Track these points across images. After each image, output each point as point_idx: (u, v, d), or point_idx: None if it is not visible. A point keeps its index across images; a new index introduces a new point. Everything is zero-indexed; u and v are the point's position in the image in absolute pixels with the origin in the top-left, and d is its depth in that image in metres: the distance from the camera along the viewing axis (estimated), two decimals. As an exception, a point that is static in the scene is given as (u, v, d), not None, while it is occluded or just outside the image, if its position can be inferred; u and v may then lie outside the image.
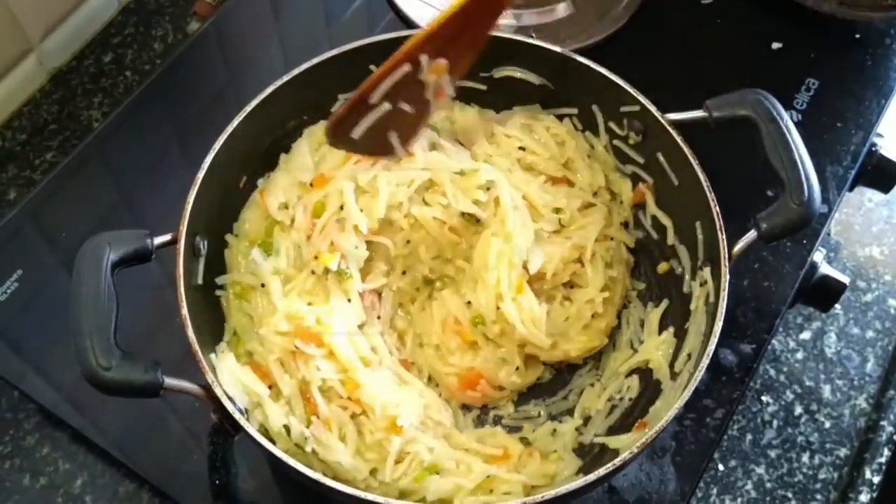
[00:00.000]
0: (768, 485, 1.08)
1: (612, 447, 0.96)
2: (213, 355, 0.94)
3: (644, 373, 1.03)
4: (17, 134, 1.33)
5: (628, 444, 0.93)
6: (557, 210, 1.09)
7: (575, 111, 1.13)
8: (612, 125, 1.11)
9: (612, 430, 1.01)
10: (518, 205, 1.04)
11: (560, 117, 1.14)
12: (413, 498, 0.94)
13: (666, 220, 1.09)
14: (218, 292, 1.03)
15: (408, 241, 1.05)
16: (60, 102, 1.36)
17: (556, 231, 1.08)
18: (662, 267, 1.09)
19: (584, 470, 0.97)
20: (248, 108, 1.03)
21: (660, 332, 1.04)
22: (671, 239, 1.07)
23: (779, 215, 0.93)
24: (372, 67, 1.11)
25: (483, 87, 1.14)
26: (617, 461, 0.85)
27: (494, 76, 1.14)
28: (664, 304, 1.07)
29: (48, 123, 1.34)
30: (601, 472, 0.84)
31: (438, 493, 0.93)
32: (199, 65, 1.32)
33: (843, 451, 1.10)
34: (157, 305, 1.06)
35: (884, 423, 1.12)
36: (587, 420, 1.04)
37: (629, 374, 1.04)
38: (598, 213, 1.10)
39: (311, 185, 1.05)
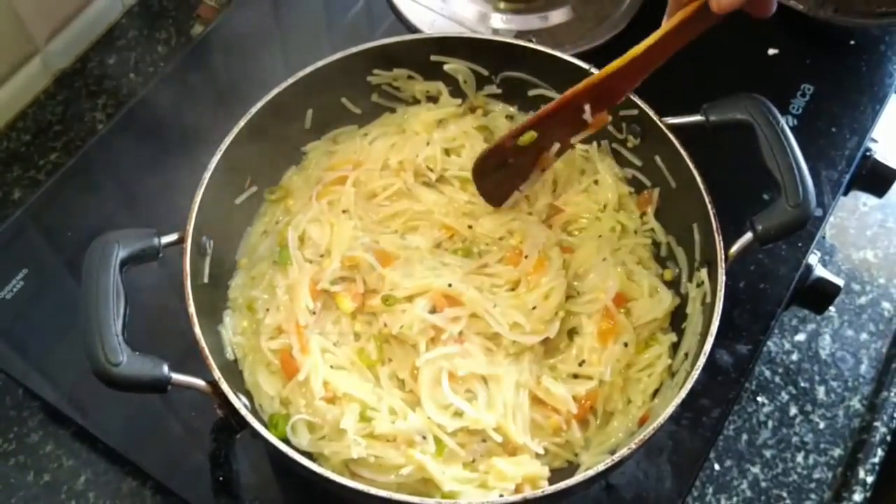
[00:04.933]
0: (763, 484, 1.09)
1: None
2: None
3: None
4: (22, 135, 1.34)
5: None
6: None
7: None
8: (611, 128, 1.12)
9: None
10: None
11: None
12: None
13: (661, 233, 1.10)
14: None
15: None
16: (65, 104, 1.37)
17: None
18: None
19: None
20: (253, 111, 1.04)
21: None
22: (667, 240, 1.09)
23: (775, 217, 0.95)
24: (376, 72, 1.13)
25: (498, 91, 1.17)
26: (615, 457, 0.86)
27: (496, 80, 1.16)
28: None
29: (52, 125, 1.35)
30: (600, 468, 0.85)
31: None
32: (202, 68, 1.33)
33: (837, 452, 1.11)
34: (164, 303, 1.06)
35: (877, 423, 1.13)
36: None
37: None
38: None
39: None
